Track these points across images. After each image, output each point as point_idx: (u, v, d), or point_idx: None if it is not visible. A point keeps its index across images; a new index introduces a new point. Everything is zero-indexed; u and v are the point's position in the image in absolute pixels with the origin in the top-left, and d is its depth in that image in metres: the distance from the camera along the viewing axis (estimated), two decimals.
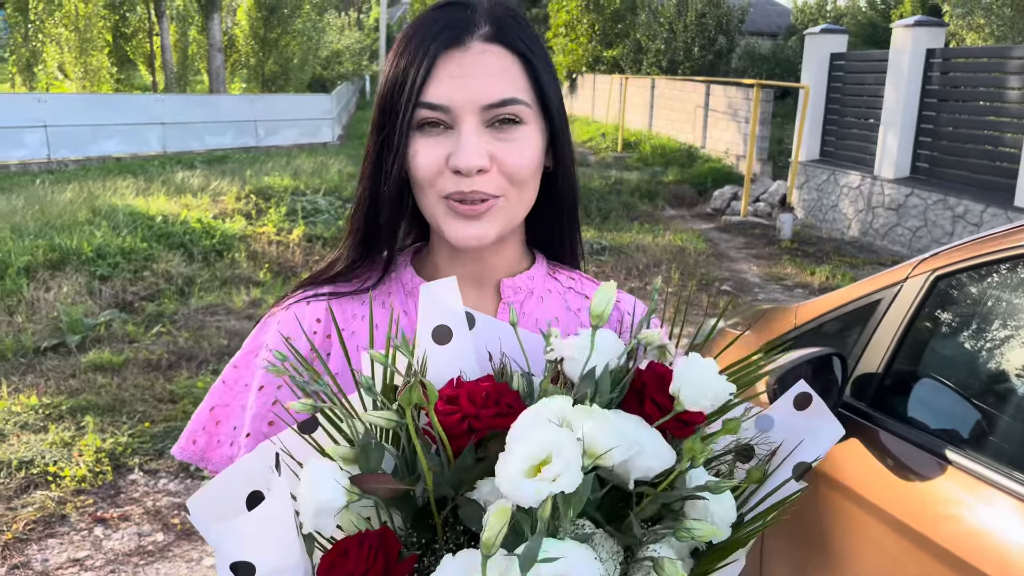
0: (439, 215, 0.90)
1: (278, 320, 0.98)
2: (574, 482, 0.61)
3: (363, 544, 0.67)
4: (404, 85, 0.87)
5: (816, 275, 8.41)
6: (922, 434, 1.77)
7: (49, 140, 12.76)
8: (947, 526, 1.58)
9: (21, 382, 4.97)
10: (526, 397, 0.77)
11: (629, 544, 0.72)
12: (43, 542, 3.38)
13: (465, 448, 0.70)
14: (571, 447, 0.62)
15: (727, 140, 14.43)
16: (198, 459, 0.99)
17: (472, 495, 0.71)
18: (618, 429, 0.68)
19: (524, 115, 0.88)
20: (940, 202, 9.13)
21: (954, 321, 1.91)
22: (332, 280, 1.00)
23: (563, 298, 1.04)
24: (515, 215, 0.92)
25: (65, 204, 8.54)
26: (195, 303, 6.62)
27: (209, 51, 19.48)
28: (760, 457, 0.84)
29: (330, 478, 0.67)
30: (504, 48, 0.88)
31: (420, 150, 0.88)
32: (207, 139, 15.10)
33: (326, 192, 9.90)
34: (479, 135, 0.86)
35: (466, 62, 0.87)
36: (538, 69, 0.90)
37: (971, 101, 9.46)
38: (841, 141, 11.44)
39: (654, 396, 0.74)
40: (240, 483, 0.77)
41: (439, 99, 0.86)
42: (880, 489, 1.75)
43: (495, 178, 0.88)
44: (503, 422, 0.70)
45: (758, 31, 25.01)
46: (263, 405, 0.94)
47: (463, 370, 0.78)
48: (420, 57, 0.87)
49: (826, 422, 0.86)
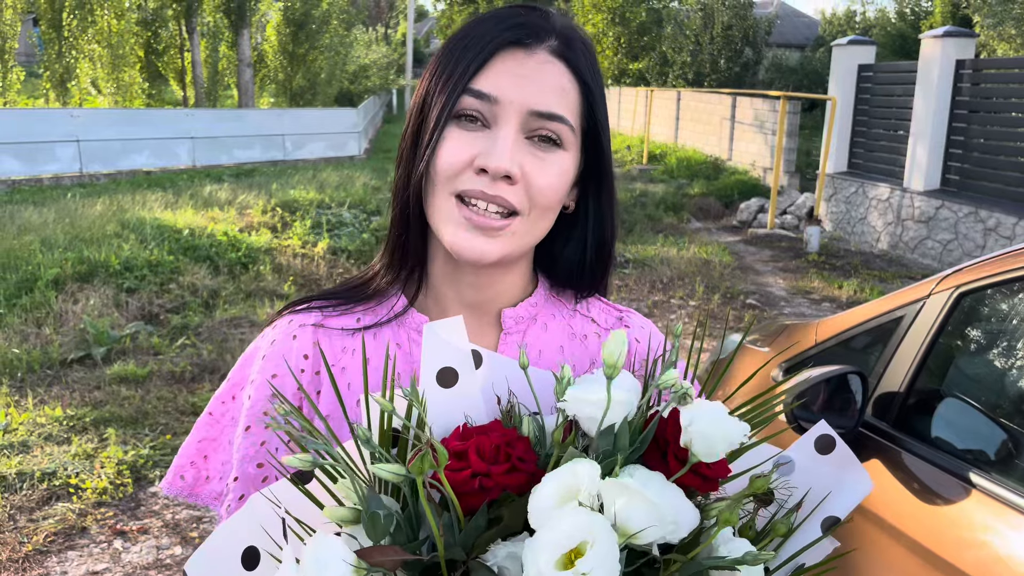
0: (445, 216, 0.84)
1: (263, 355, 0.92)
2: (611, 575, 0.58)
3: None
4: (454, 72, 0.83)
5: (844, 289, 8.30)
6: (946, 456, 1.71)
7: (81, 154, 12.97)
8: (971, 552, 1.53)
9: (47, 394, 5.02)
10: (536, 444, 0.73)
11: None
12: (63, 554, 3.40)
13: (477, 509, 0.67)
14: (607, 538, 0.59)
15: (754, 152, 14.32)
16: (187, 494, 0.97)
17: (485, 558, 0.67)
18: (653, 506, 0.64)
19: (566, 138, 0.84)
20: (971, 215, 8.98)
21: (979, 339, 1.86)
22: (327, 299, 0.95)
23: (567, 324, 0.98)
24: (525, 243, 0.87)
25: (95, 217, 8.66)
26: (219, 315, 6.67)
27: (239, 66, 19.76)
28: (780, 502, 0.78)
29: (338, 558, 0.63)
30: (568, 67, 0.85)
31: (451, 140, 0.82)
32: (236, 153, 15.27)
33: (351, 205, 9.96)
34: (516, 141, 0.82)
35: (528, 64, 0.83)
36: (595, 100, 0.87)
37: (1002, 112, 9.30)
38: (870, 153, 11.31)
39: (679, 453, 0.69)
40: (233, 541, 0.73)
41: (489, 88, 0.81)
42: (902, 512, 1.69)
43: (519, 192, 0.82)
44: (515, 479, 0.67)
45: (786, 43, 24.88)
46: (251, 446, 0.90)
47: (468, 414, 0.74)
48: (481, 44, 0.83)
49: (853, 472, 0.80)
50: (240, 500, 0.89)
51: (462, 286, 0.92)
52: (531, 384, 0.76)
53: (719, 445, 0.67)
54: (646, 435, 0.71)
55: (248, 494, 0.89)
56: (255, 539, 0.74)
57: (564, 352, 0.96)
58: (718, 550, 0.69)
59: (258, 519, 0.73)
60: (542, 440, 0.74)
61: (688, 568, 0.68)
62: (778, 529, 0.74)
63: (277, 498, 0.72)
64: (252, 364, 0.94)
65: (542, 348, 0.95)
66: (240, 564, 0.74)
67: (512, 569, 0.66)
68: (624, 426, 0.70)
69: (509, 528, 0.67)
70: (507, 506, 0.67)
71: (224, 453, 0.96)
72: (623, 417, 0.71)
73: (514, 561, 0.66)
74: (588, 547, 0.58)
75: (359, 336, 0.92)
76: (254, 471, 0.90)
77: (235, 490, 0.90)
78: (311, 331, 0.92)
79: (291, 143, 16.23)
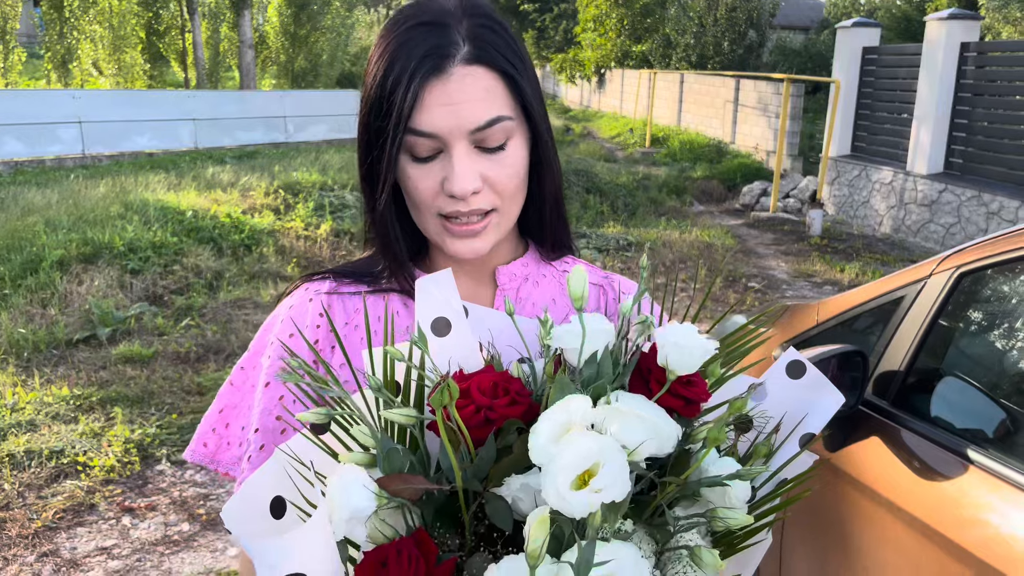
0: (436, 232, 0.94)
1: (281, 319, 0.99)
2: (624, 491, 0.62)
3: (401, 553, 0.66)
4: (392, 110, 0.88)
5: (846, 272, 8.31)
6: (945, 433, 1.74)
7: (84, 136, 12.96)
8: (970, 529, 1.55)
9: (53, 373, 5.06)
10: (528, 383, 0.78)
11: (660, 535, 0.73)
12: (72, 531, 3.45)
13: (485, 440, 0.71)
14: (617, 456, 0.63)
15: (757, 135, 14.29)
16: (208, 461, 1.01)
17: (499, 491, 0.70)
18: (644, 421, 0.69)
19: (510, 131, 0.90)
20: (974, 198, 8.97)
21: (979, 319, 1.88)
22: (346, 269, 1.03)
23: (558, 281, 1.06)
24: (508, 223, 0.96)
25: (98, 199, 8.66)
26: (223, 297, 6.70)
27: (240, 48, 19.67)
28: (758, 428, 0.83)
29: (359, 484, 0.67)
30: (485, 68, 0.88)
31: (415, 176, 0.90)
32: (238, 135, 15.24)
33: (353, 188, 9.95)
34: (470, 158, 0.88)
35: (450, 89, 0.87)
36: (519, 82, 0.91)
37: (1007, 95, 9.27)
38: (873, 136, 11.28)
39: (659, 377, 0.74)
40: (262, 491, 0.78)
41: (429, 127, 0.87)
42: (901, 488, 1.72)
43: (487, 195, 0.91)
44: (516, 411, 0.71)
45: (790, 25, 24.74)
46: (269, 400, 0.96)
47: (460, 362, 0.79)
48: (405, 83, 0.86)
49: (825, 391, 0.86)
50: (261, 450, 0.95)
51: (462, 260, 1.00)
52: (518, 328, 0.83)
53: (693, 359, 0.72)
54: (629, 364, 0.77)
55: (268, 444, 0.95)
56: (281, 489, 0.78)
57: (556, 304, 1.04)
58: (708, 471, 0.74)
59: (282, 470, 0.77)
60: (533, 381, 0.79)
61: (685, 489, 0.73)
62: (760, 451, 0.79)
63: (295, 452, 0.77)
64: (271, 330, 1.00)
65: (535, 301, 1.04)
66: (268, 513, 0.78)
67: (525, 499, 0.70)
68: (607, 354, 0.76)
69: (521, 461, 0.70)
70: (518, 439, 0.71)
71: (244, 419, 1.00)
72: (604, 346, 0.76)
73: (527, 491, 0.70)
74: (600, 467, 0.62)
75: (370, 297, 1.00)
76: (273, 424, 0.95)
77: (255, 441, 0.95)
78: (326, 295, 0.99)
79: (293, 125, 16.19)
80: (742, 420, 0.82)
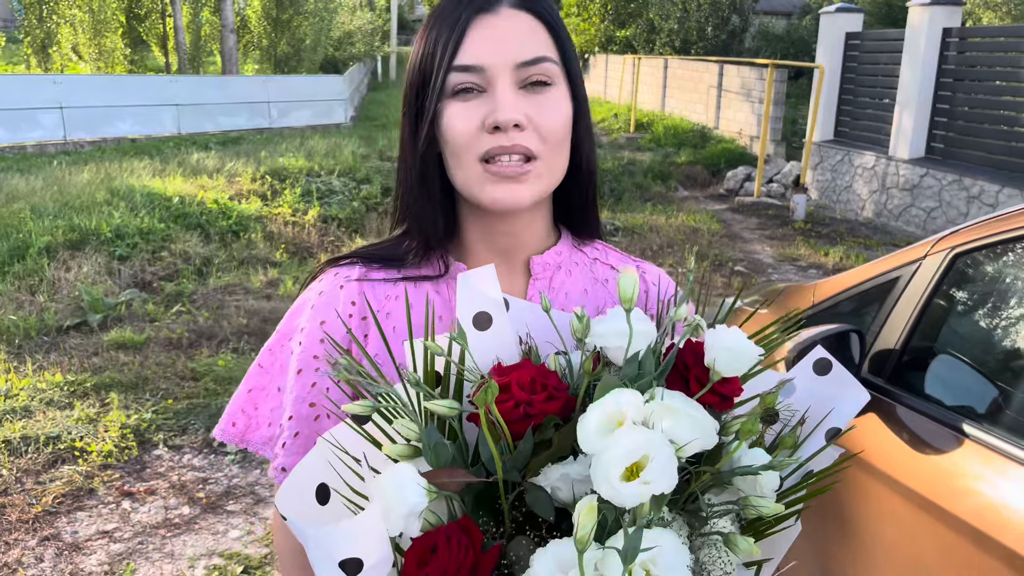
0: (474, 180, 0.91)
1: (312, 305, 0.99)
2: (671, 484, 0.65)
3: (451, 539, 0.69)
4: (435, 54, 0.90)
5: (830, 256, 8.41)
6: (939, 408, 1.80)
7: (65, 121, 12.82)
8: (964, 498, 1.62)
9: (45, 360, 5.05)
10: (564, 377, 0.81)
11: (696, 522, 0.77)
12: (72, 515, 3.47)
13: (523, 435, 0.74)
14: (665, 450, 0.66)
15: (740, 121, 14.36)
16: (238, 440, 1.03)
17: (537, 481, 0.74)
18: (695, 420, 0.72)
19: (554, 76, 0.91)
20: (955, 183, 9.09)
21: (972, 298, 1.94)
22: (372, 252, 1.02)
23: (589, 270, 1.06)
24: (550, 182, 0.94)
25: (83, 185, 8.60)
26: (213, 283, 6.69)
27: (222, 32, 19.46)
28: (784, 421, 0.86)
29: (413, 482, 0.70)
30: (532, 15, 0.92)
31: (456, 115, 0.90)
32: (221, 120, 15.13)
33: (340, 173, 9.94)
34: (515, 93, 0.89)
35: (498, 25, 0.90)
36: (562, 37, 0.94)
37: (987, 81, 9.38)
38: (856, 121, 11.38)
39: (697, 375, 0.77)
40: (308, 478, 0.81)
41: (473, 60, 0.88)
42: (897, 462, 1.78)
43: (531, 136, 0.89)
44: (554, 406, 0.74)
45: (772, 10, 24.78)
46: (302, 388, 0.97)
47: (500, 355, 0.81)
48: (451, 24, 0.89)
49: (850, 388, 0.89)
50: (295, 437, 0.96)
51: (496, 236, 0.99)
52: (555, 324, 0.84)
53: (740, 363, 0.75)
54: (668, 362, 0.80)
55: (302, 432, 0.96)
56: (325, 476, 0.81)
57: (588, 294, 1.04)
58: (740, 462, 0.79)
59: (326, 459, 0.81)
60: (568, 374, 0.82)
61: (718, 478, 0.77)
62: (786, 442, 0.83)
63: (340, 441, 0.80)
64: (300, 315, 1.00)
65: (568, 291, 1.03)
66: (315, 499, 0.82)
67: (564, 488, 0.73)
68: (648, 352, 0.79)
69: (558, 452, 0.74)
70: (557, 432, 0.74)
71: (273, 400, 1.01)
72: (646, 346, 0.79)
73: (566, 481, 0.73)
74: (648, 460, 0.66)
75: (401, 285, 0.99)
76: (307, 411, 0.96)
77: (289, 428, 0.97)
78: (356, 282, 0.99)
79: (277, 110, 16.09)
80: (769, 413, 0.86)
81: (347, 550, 0.71)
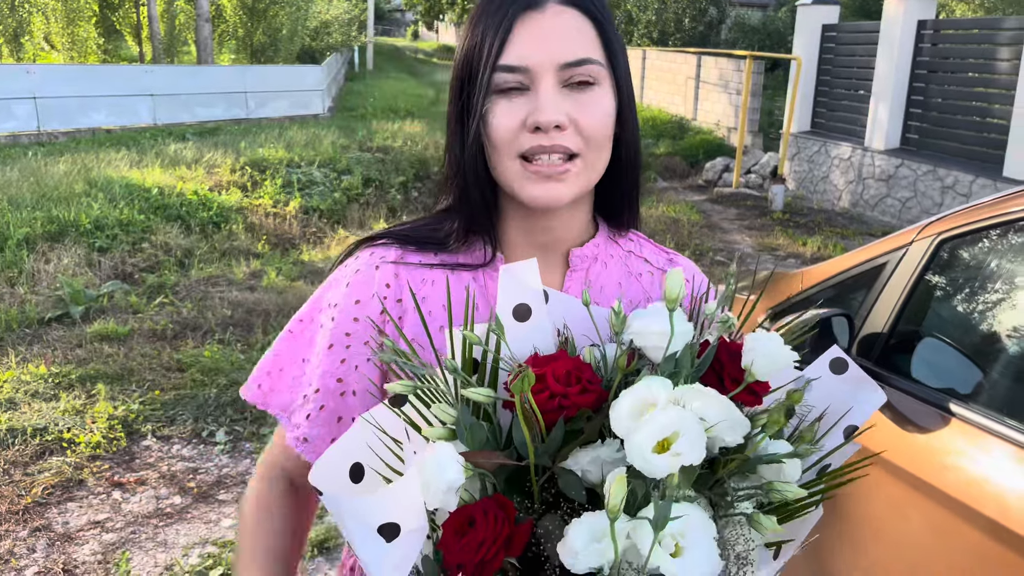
0: (515, 177, 0.92)
1: (347, 283, 0.99)
2: (700, 456, 0.70)
3: (487, 513, 0.73)
4: (482, 51, 0.91)
5: (808, 245, 8.53)
6: (925, 389, 1.87)
7: (39, 112, 12.64)
8: (949, 474, 1.68)
9: (28, 352, 5.02)
10: (596, 370, 0.83)
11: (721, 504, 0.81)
12: (63, 506, 3.47)
13: (555, 424, 0.77)
14: (695, 427, 0.71)
15: (718, 112, 14.47)
16: (260, 402, 1.05)
17: (568, 464, 0.77)
18: (724, 406, 0.76)
19: (598, 76, 0.92)
20: (930, 173, 9.24)
21: (957, 283, 2.01)
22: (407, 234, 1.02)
23: (624, 263, 1.07)
24: (590, 180, 0.95)
25: (60, 176, 8.51)
26: (195, 274, 6.67)
27: (197, 21, 19.26)
28: (800, 417, 0.89)
29: (453, 460, 0.73)
30: (579, 11, 0.92)
31: (499, 112, 0.91)
32: (197, 111, 14.99)
33: (320, 164, 9.91)
34: (557, 93, 0.89)
35: (544, 23, 0.90)
36: (609, 33, 0.94)
37: (961, 72, 9.54)
38: (832, 113, 11.51)
39: (732, 374, 0.81)
40: (343, 456, 0.84)
41: (518, 60, 0.89)
42: (886, 441, 1.85)
43: (572, 136, 0.90)
44: (587, 399, 0.77)
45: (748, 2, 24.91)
46: (332, 363, 0.98)
47: (537, 345, 0.84)
48: (498, 21, 0.90)
49: (866, 388, 0.92)
50: (320, 410, 0.98)
51: (535, 231, 1.01)
52: (593, 319, 0.87)
53: (776, 368, 0.79)
54: (704, 359, 0.83)
55: (328, 405, 0.98)
56: (360, 456, 0.84)
57: (622, 288, 1.05)
58: (765, 450, 0.82)
59: (364, 439, 0.84)
60: (603, 366, 0.84)
61: (745, 466, 0.81)
62: (805, 436, 0.86)
63: (377, 420, 0.83)
64: (334, 289, 1.01)
65: (603, 285, 1.04)
66: (348, 477, 0.85)
67: (593, 471, 0.77)
68: (686, 352, 0.82)
69: (588, 439, 0.78)
70: (588, 421, 0.78)
71: (296, 369, 1.03)
72: (684, 345, 0.82)
73: (596, 464, 0.77)
74: (679, 435, 0.70)
75: (436, 270, 1.00)
76: (334, 385, 0.98)
77: (315, 400, 0.99)
78: (392, 264, 0.99)
79: (254, 101, 15.96)
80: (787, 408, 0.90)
81: (384, 516, 0.75)
